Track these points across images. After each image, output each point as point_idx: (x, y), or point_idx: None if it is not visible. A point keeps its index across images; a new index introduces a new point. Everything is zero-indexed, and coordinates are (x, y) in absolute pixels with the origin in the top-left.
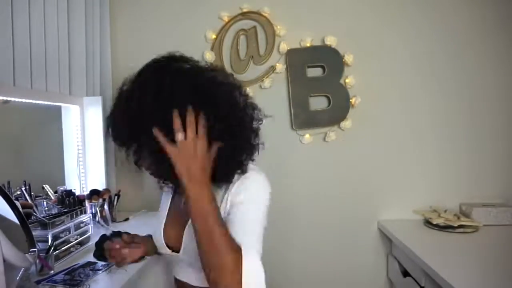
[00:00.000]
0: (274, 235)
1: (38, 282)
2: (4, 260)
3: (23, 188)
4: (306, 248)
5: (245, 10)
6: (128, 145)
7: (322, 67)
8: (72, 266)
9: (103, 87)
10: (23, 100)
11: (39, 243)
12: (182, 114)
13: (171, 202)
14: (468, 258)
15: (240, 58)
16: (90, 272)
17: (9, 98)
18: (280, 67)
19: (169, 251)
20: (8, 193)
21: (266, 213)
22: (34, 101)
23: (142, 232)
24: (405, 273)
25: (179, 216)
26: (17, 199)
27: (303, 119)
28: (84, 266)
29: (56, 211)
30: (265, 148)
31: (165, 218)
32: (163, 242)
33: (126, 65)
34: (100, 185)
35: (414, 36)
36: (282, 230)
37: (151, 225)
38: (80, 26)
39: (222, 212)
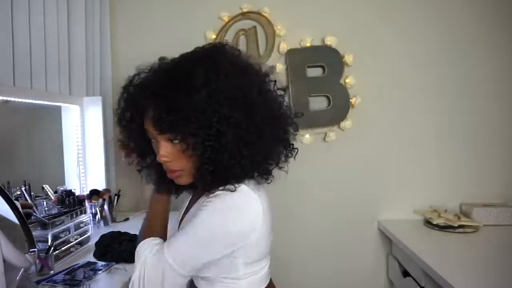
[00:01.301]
0: (274, 235)
1: (38, 282)
2: (4, 260)
3: (23, 188)
4: (306, 248)
5: (245, 10)
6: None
7: (322, 67)
8: (72, 266)
9: (103, 87)
10: (23, 100)
11: (39, 243)
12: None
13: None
14: (468, 258)
15: None
16: (90, 272)
17: (9, 98)
18: (280, 67)
19: None
20: (8, 193)
21: (218, 246)
22: (34, 101)
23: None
24: (405, 273)
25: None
26: (17, 199)
27: (303, 119)
28: (84, 266)
29: (56, 211)
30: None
31: (183, 210)
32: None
33: (126, 65)
34: (100, 185)
35: (414, 35)
36: (282, 229)
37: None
38: (80, 26)
39: (188, 216)
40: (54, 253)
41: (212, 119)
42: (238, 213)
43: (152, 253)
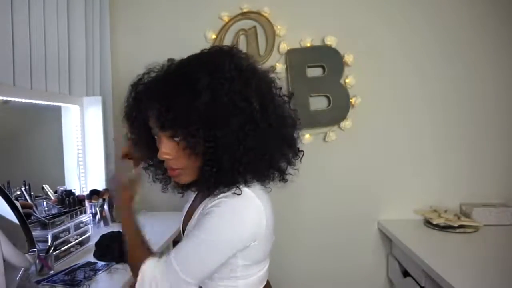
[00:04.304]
0: (274, 235)
1: (38, 282)
2: (4, 260)
3: (23, 188)
4: (306, 248)
5: (245, 10)
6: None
7: (322, 67)
8: (72, 266)
9: (103, 87)
10: (23, 100)
11: (39, 243)
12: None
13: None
14: (468, 258)
15: None
16: (90, 272)
17: (9, 98)
18: (280, 67)
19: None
20: (8, 193)
21: (225, 249)
22: (34, 101)
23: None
24: (405, 273)
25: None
26: (17, 199)
27: (303, 119)
28: (84, 266)
29: (56, 211)
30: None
31: (186, 209)
32: (180, 229)
33: (126, 65)
34: (100, 185)
35: (414, 36)
36: (281, 230)
37: (149, 225)
38: (80, 26)
39: (193, 220)
40: (54, 253)
41: (211, 122)
42: (242, 219)
43: (159, 264)
